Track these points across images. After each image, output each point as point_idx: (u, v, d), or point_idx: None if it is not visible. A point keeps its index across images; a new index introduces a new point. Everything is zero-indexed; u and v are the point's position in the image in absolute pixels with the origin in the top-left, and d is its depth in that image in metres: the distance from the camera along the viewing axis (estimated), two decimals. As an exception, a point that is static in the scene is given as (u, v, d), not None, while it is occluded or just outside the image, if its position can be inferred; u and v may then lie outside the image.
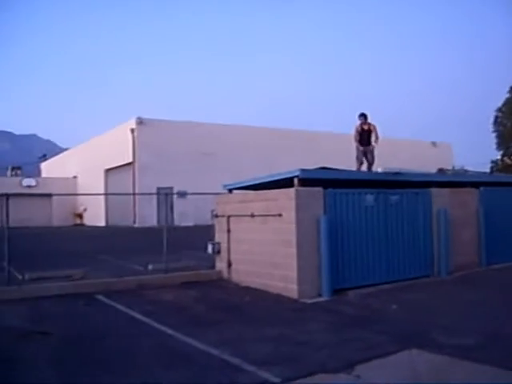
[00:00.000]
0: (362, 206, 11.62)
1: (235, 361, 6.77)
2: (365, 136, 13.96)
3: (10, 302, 10.57)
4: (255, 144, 39.88)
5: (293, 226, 10.74)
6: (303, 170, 10.92)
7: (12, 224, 11.95)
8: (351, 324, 8.78)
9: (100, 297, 10.94)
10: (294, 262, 10.75)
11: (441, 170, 23.59)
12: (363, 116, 14.11)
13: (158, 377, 6.30)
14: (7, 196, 12.32)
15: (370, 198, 11.74)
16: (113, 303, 10.61)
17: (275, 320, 9.11)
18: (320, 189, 11.02)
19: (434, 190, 12.98)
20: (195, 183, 30.60)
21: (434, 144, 50.70)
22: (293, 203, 10.73)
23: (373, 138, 14.00)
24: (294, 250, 10.74)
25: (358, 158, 13.98)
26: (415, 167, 25.88)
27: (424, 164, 33.71)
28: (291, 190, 10.84)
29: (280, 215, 11.05)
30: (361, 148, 13.91)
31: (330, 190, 11.11)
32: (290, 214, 10.81)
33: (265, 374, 6.25)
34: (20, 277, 12.61)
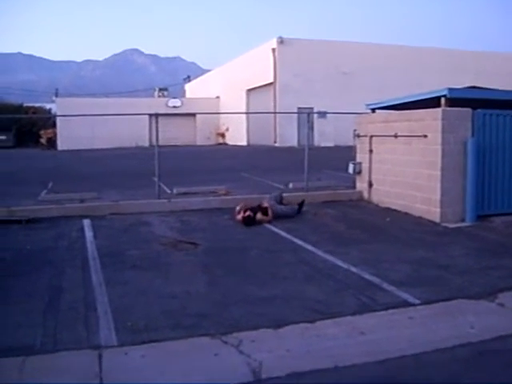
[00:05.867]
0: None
1: (375, 280, 6.83)
2: None
3: (160, 213, 11.34)
4: (398, 63, 38.24)
5: (438, 148, 10.35)
6: (451, 89, 10.35)
7: (160, 143, 12.65)
8: (495, 251, 8.43)
9: (243, 212, 11.40)
10: (437, 185, 10.44)
11: None
12: None
13: (300, 289, 6.52)
14: (157, 116, 12.99)
15: (522, 120, 10.95)
16: (255, 218, 10.99)
17: (416, 242, 9.00)
18: (469, 109, 10.43)
19: None
20: (335, 104, 30.17)
21: None
22: (439, 124, 10.28)
23: None
24: (438, 173, 10.39)
25: None
26: None
27: None
28: (438, 110, 10.37)
29: (425, 136, 10.67)
30: None
31: (479, 110, 10.48)
32: (436, 136, 10.39)
33: (404, 295, 6.26)
34: (169, 191, 13.45)
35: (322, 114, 32.07)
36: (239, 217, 10.43)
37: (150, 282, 6.84)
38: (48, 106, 56.41)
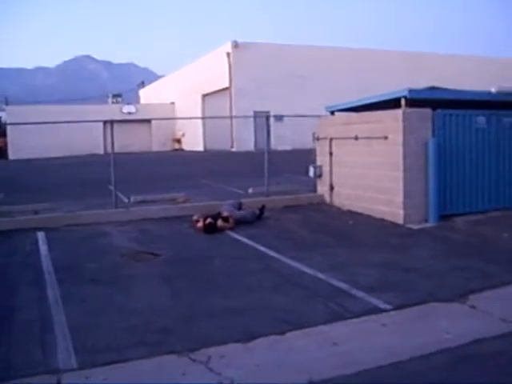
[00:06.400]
0: (472, 129, 10.89)
1: (343, 286, 6.66)
2: None
3: (118, 223, 10.96)
4: (353, 66, 38.51)
5: (399, 149, 10.28)
6: (411, 90, 10.30)
7: (116, 150, 12.26)
8: (461, 252, 8.41)
9: (203, 220, 11.11)
10: (400, 186, 10.37)
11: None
12: None
13: (268, 299, 6.30)
14: (111, 122, 12.60)
15: (481, 120, 10.98)
16: (216, 226, 10.73)
17: (381, 245, 8.89)
18: (429, 110, 10.41)
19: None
20: (291, 107, 30.16)
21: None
22: (400, 125, 10.23)
23: None
24: (400, 174, 10.33)
25: None
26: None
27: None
28: (398, 112, 10.31)
29: (386, 138, 10.60)
30: None
31: (439, 111, 10.48)
32: (397, 137, 10.33)
33: (375, 301, 6.11)
34: (126, 200, 13.05)
35: (279, 118, 31.98)
36: (200, 225, 10.16)
37: (110, 297, 6.51)
38: (-3, 115, 54.85)
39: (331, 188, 12.69)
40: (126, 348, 5.00)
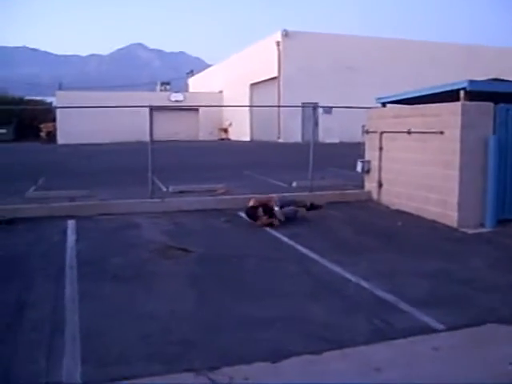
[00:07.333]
0: (538, 126, 9.95)
1: (390, 298, 5.92)
2: None
3: (152, 214, 10.47)
4: (404, 57, 37.26)
5: (456, 146, 9.41)
6: (472, 81, 9.41)
7: (161, 138, 11.83)
8: (523, 263, 7.54)
9: (242, 213, 10.51)
10: (455, 186, 9.51)
11: None
12: None
13: (304, 309, 5.61)
14: (151, 108, 12.14)
15: (548, 116, 10.01)
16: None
17: (432, 251, 8.08)
18: (490, 104, 9.50)
19: None
20: (340, 99, 29.15)
21: None
22: (458, 120, 9.35)
23: None
24: (456, 173, 9.47)
25: None
26: None
27: None
28: (457, 105, 9.43)
29: (441, 133, 9.74)
30: None
31: (501, 105, 9.55)
32: (454, 132, 9.47)
33: (425, 318, 5.33)
34: (165, 189, 12.60)
35: (327, 110, 31.18)
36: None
37: (131, 298, 5.95)
38: (49, 100, 55.55)
39: (380, 185, 11.89)
40: (138, 361, 4.42)
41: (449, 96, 9.84)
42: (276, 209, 9.74)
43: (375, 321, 5.29)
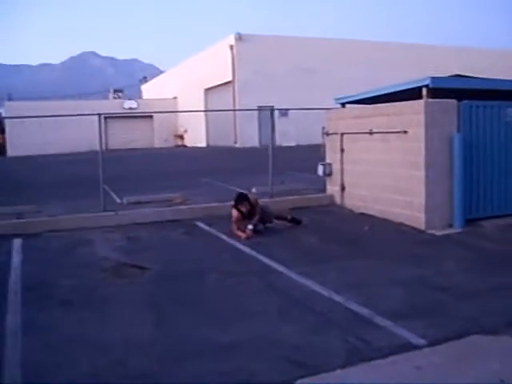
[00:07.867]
0: (502, 122, 9.72)
1: (364, 312, 5.47)
2: None
3: (105, 229, 9.85)
4: (359, 59, 37.21)
5: (421, 145, 9.10)
6: (434, 78, 9.10)
7: (117, 146, 11.24)
8: (498, 264, 7.21)
9: (200, 224, 10.01)
10: (421, 187, 9.20)
11: None
12: None
13: (273, 330, 5.10)
14: (99, 115, 11.54)
15: (512, 112, 9.81)
16: (214, 232, 9.58)
17: (403, 256, 7.72)
18: (454, 101, 9.23)
19: None
20: (296, 102, 28.84)
21: None
22: (421, 118, 9.04)
23: None
24: (421, 173, 9.15)
25: None
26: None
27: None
28: (419, 102, 9.12)
29: (405, 132, 9.43)
30: None
31: (465, 102, 9.29)
32: (418, 131, 9.16)
33: (404, 333, 4.92)
34: (119, 201, 11.99)
35: (284, 113, 30.89)
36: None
37: (81, 326, 5.36)
38: (-3, 111, 53.85)
39: (342, 188, 11.52)
40: (88, 405, 3.87)
41: (411, 94, 9.53)
42: (249, 227, 9.14)
43: (350, 339, 4.84)
